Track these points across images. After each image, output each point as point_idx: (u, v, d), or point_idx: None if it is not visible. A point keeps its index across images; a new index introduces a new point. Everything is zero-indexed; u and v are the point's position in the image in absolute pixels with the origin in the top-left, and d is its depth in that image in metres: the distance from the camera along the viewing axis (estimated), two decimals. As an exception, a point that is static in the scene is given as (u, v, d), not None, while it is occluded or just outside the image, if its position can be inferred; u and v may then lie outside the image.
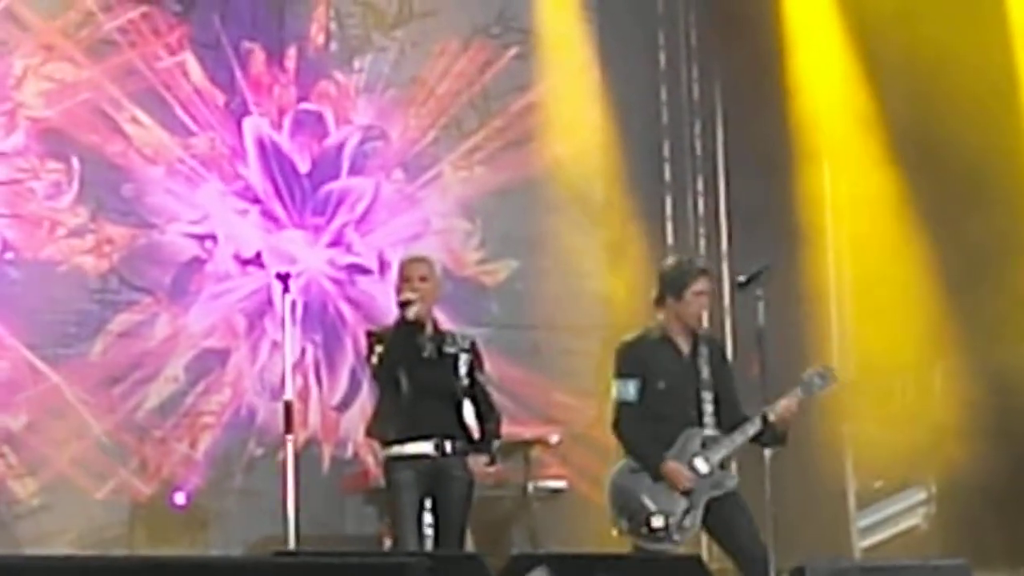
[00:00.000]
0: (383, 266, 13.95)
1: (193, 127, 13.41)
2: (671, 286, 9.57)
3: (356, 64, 14.41)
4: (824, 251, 14.50)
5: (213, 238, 13.65)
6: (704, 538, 10.08)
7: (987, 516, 12.79)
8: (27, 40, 13.05)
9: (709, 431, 9.34)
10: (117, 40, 13.28)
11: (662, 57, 15.57)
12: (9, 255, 12.92)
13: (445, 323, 9.89)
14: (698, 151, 15.70)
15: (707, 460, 9.24)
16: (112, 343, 13.11)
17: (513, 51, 14.75)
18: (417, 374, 9.32)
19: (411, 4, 14.68)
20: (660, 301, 9.68)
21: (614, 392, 9.58)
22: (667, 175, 15.61)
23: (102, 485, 12.86)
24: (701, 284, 9.53)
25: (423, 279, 9.41)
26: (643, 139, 15.15)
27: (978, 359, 12.97)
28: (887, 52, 14.06)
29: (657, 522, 9.16)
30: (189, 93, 13.49)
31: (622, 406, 9.50)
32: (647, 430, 9.45)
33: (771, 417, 9.17)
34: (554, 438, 13.25)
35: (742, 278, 9.91)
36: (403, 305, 9.23)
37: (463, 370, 9.63)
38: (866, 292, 14.27)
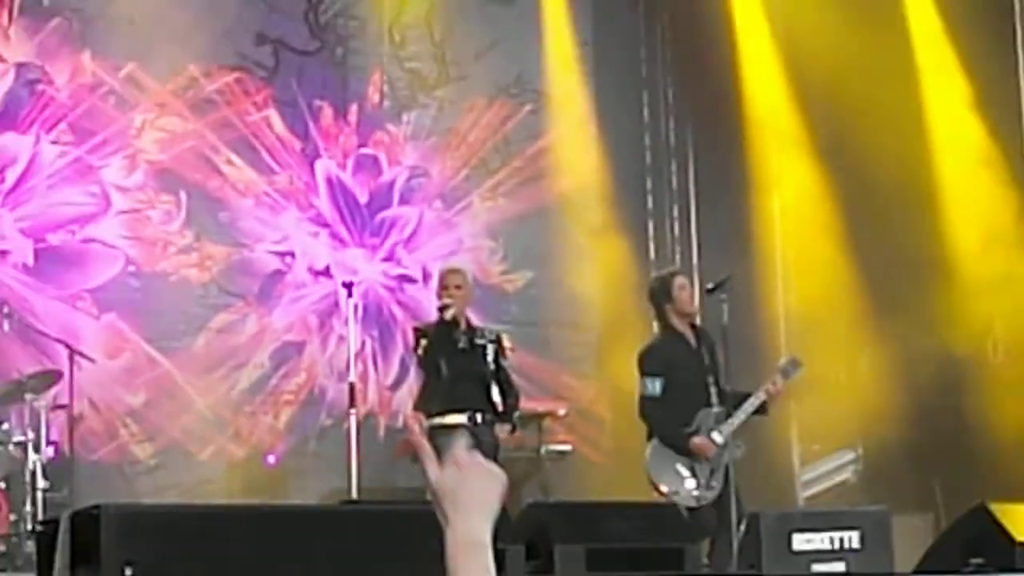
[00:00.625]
0: (426, 277, 14.27)
1: (276, 167, 13.87)
2: (661, 293, 10.22)
3: (404, 118, 14.82)
4: (775, 264, 14.72)
5: (291, 255, 14.08)
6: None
7: (903, 472, 13.06)
8: (145, 99, 13.50)
9: (716, 409, 9.88)
10: (215, 99, 13.76)
11: (645, 112, 15.95)
12: (131, 268, 13.39)
13: (475, 321, 10.69)
14: (674, 185, 16.01)
15: (721, 433, 9.79)
16: (212, 338, 13.61)
17: (528, 107, 15.15)
18: (454, 361, 10.09)
19: (447, 70, 14.97)
20: (660, 310, 10.30)
21: (641, 388, 10.06)
22: (649, 204, 15.95)
23: (205, 449, 13.37)
24: (680, 280, 10.23)
25: (458, 287, 10.38)
26: (630, 176, 15.51)
27: (896, 347, 13.09)
28: (815, 93, 14.28)
29: (691, 484, 9.87)
30: (273, 141, 13.95)
31: (648, 400, 10.00)
32: (670, 416, 9.93)
33: (764, 397, 9.89)
34: (561, 411, 13.60)
35: (710, 286, 10.57)
36: (442, 308, 10.18)
37: (490, 358, 10.44)
38: (807, 297, 14.43)
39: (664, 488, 9.84)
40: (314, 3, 14.64)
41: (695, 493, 9.93)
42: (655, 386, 10.01)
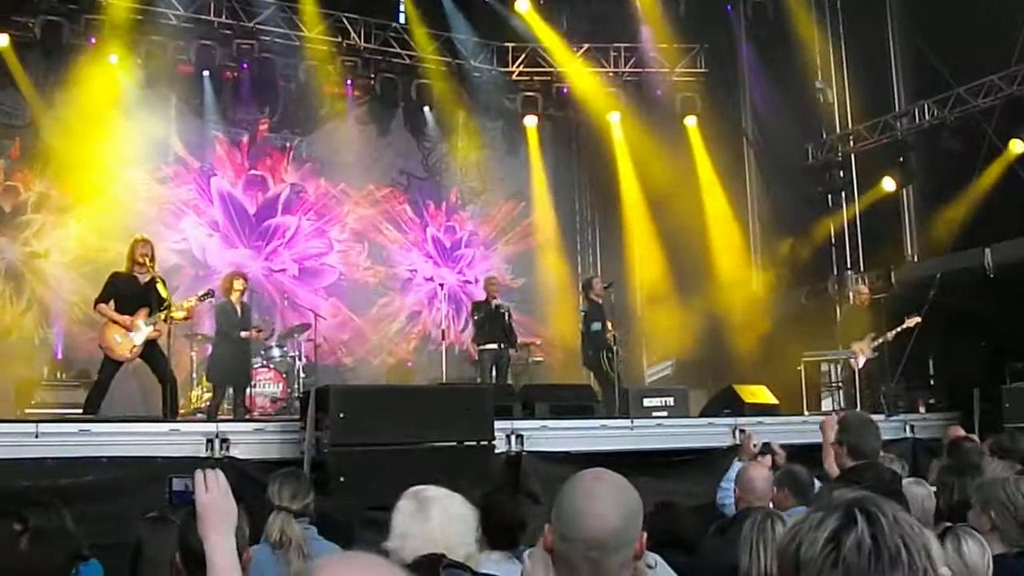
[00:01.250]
0: (476, 281, 18.35)
1: (408, 231, 18.39)
2: (587, 286, 14.04)
3: (467, 208, 19.26)
4: (633, 272, 18.50)
5: (415, 270, 18.57)
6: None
7: (692, 371, 16.65)
8: (348, 200, 17.92)
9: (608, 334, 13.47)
10: (380, 200, 18.15)
11: (576, 202, 20.18)
12: (342, 277, 17.72)
13: (500, 300, 14.27)
14: (588, 236, 20.20)
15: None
16: (379, 309, 18.03)
17: (523, 203, 19.58)
18: (489, 318, 13.87)
19: (485, 185, 19.38)
20: (585, 293, 13.90)
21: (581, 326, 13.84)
22: (577, 244, 19.98)
23: (376, 359, 17.68)
24: (596, 279, 14.08)
25: (494, 286, 14.41)
26: (568, 232, 19.73)
27: (688, 311, 16.57)
28: (651, 190, 17.58)
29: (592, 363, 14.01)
30: (407, 218, 18.50)
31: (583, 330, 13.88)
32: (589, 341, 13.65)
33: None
34: (537, 342, 17.39)
35: (607, 284, 14.02)
36: (488, 298, 14.11)
37: (506, 318, 13.95)
38: (647, 287, 18.15)
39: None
40: (425, 154, 18.94)
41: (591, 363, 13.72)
42: (586, 326, 13.83)
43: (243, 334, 12.37)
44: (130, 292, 10.61)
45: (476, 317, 14.39)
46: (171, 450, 8.38)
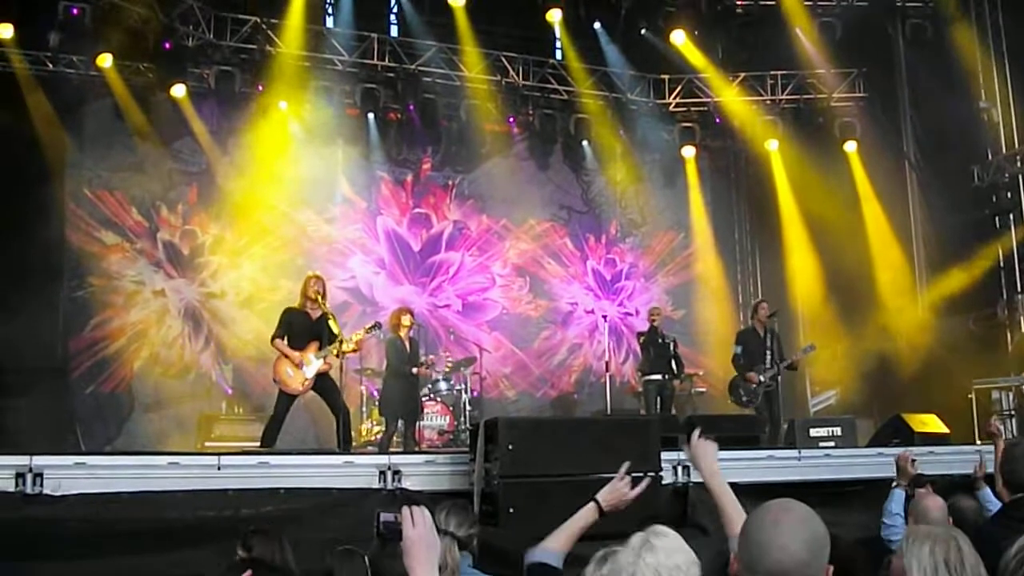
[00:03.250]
0: (637, 313, 18.49)
1: (568, 265, 18.33)
2: (753, 310, 14.02)
3: (627, 240, 19.11)
4: (795, 300, 18.01)
5: (576, 303, 18.57)
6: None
7: (858, 400, 16.13)
8: (509, 235, 18.09)
9: (767, 365, 12.91)
10: (540, 234, 18.24)
11: (736, 232, 19.90)
12: (504, 311, 17.90)
13: (664, 329, 14.29)
14: (748, 265, 19.95)
15: (763, 375, 12.77)
16: (540, 342, 18.17)
17: (682, 234, 19.40)
18: (656, 349, 13.86)
19: (644, 218, 19.30)
20: (752, 317, 13.86)
21: (733, 351, 13.38)
22: (738, 275, 19.76)
23: (539, 391, 17.72)
24: (763, 304, 13.72)
25: (656, 315, 14.27)
26: (728, 262, 19.50)
27: (852, 339, 16.38)
28: (811, 215, 17.46)
29: (746, 396, 13.07)
30: (568, 252, 18.44)
31: (734, 356, 13.36)
32: (742, 366, 13.13)
33: (790, 362, 13.10)
34: (700, 372, 16.95)
35: (772, 311, 13.68)
36: (652, 325, 14.08)
37: (672, 348, 13.86)
38: (808, 310, 17.82)
39: (734, 400, 13.32)
40: (585, 187, 18.92)
41: (744, 400, 13.30)
42: (738, 349, 13.48)
43: (414, 370, 12.72)
44: (302, 327, 10.91)
45: (642, 346, 14.39)
46: (345, 482, 8.49)
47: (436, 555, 2.84)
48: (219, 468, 8.20)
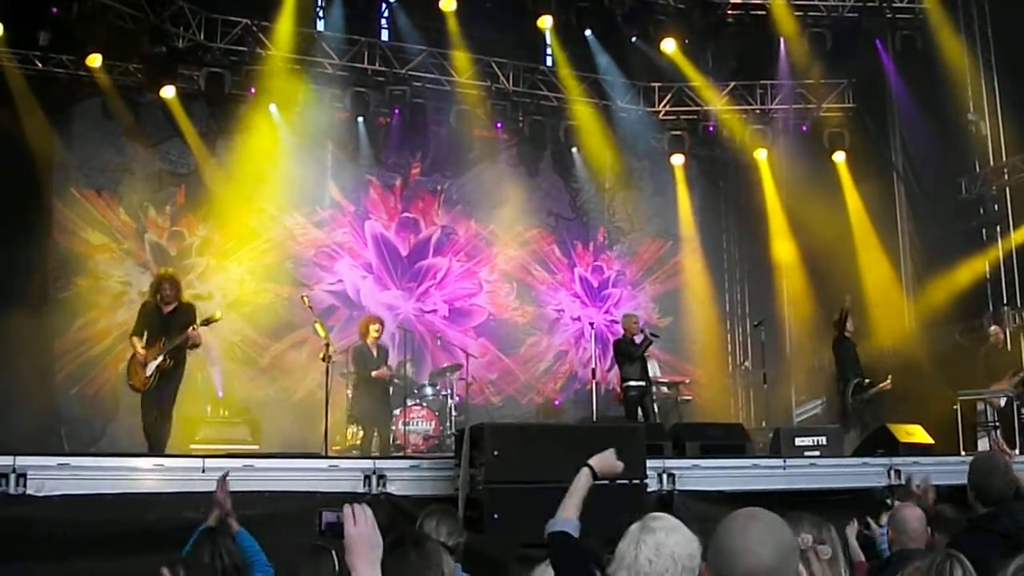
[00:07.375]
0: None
1: (555, 271, 18.29)
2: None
3: (615, 248, 19.13)
4: (783, 311, 18.15)
5: (562, 310, 18.56)
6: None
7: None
8: (496, 241, 17.96)
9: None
10: (528, 241, 18.21)
11: (723, 239, 19.85)
12: (491, 317, 17.90)
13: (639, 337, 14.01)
14: (736, 278, 19.95)
15: None
16: (526, 348, 18.09)
17: (670, 242, 19.34)
18: (634, 355, 13.64)
19: (632, 225, 19.25)
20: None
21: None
22: (726, 287, 19.85)
23: (524, 398, 17.68)
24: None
25: (635, 323, 14.03)
26: (715, 271, 19.55)
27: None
28: (800, 232, 17.29)
29: None
30: (555, 259, 18.44)
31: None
32: None
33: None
34: (686, 380, 16.96)
35: (756, 322, 15.17)
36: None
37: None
38: (798, 320, 17.85)
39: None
40: (573, 194, 18.92)
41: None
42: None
43: (373, 373, 12.73)
44: (155, 322, 10.99)
45: (618, 351, 14.29)
46: (330, 485, 8.54)
47: (379, 553, 2.85)
48: (204, 471, 8.16)
